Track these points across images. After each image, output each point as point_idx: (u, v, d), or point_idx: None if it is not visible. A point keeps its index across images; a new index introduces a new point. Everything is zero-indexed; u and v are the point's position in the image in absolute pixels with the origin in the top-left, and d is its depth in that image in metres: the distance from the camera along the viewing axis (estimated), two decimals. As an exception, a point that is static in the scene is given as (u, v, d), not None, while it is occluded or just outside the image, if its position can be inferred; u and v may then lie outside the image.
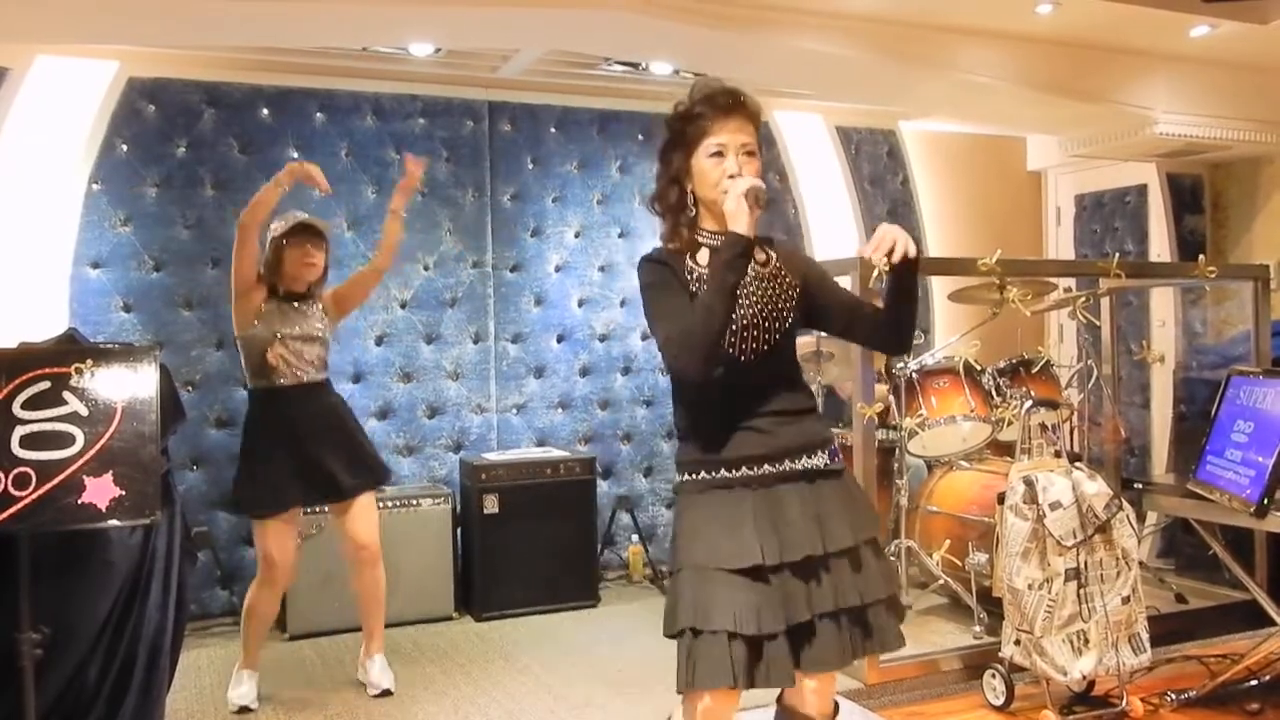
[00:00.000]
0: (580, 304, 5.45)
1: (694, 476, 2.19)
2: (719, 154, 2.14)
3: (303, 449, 3.67)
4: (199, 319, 4.72)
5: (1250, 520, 3.15)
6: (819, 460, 2.22)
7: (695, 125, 2.16)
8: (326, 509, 4.00)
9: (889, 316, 2.26)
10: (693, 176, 2.18)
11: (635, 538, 5.37)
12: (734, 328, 2.14)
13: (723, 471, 2.16)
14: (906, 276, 2.19)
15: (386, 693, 3.83)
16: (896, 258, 2.10)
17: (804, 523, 2.14)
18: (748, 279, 2.17)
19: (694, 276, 2.18)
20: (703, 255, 2.21)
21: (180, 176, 4.70)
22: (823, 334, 2.41)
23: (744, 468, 2.15)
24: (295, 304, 3.74)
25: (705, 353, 2.08)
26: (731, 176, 2.13)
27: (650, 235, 5.40)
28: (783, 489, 2.17)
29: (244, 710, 3.68)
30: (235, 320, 3.71)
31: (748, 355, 2.18)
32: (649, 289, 2.20)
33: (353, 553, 3.83)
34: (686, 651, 2.10)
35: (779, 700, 2.34)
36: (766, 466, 2.16)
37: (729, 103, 2.15)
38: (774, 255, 2.27)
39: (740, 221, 2.07)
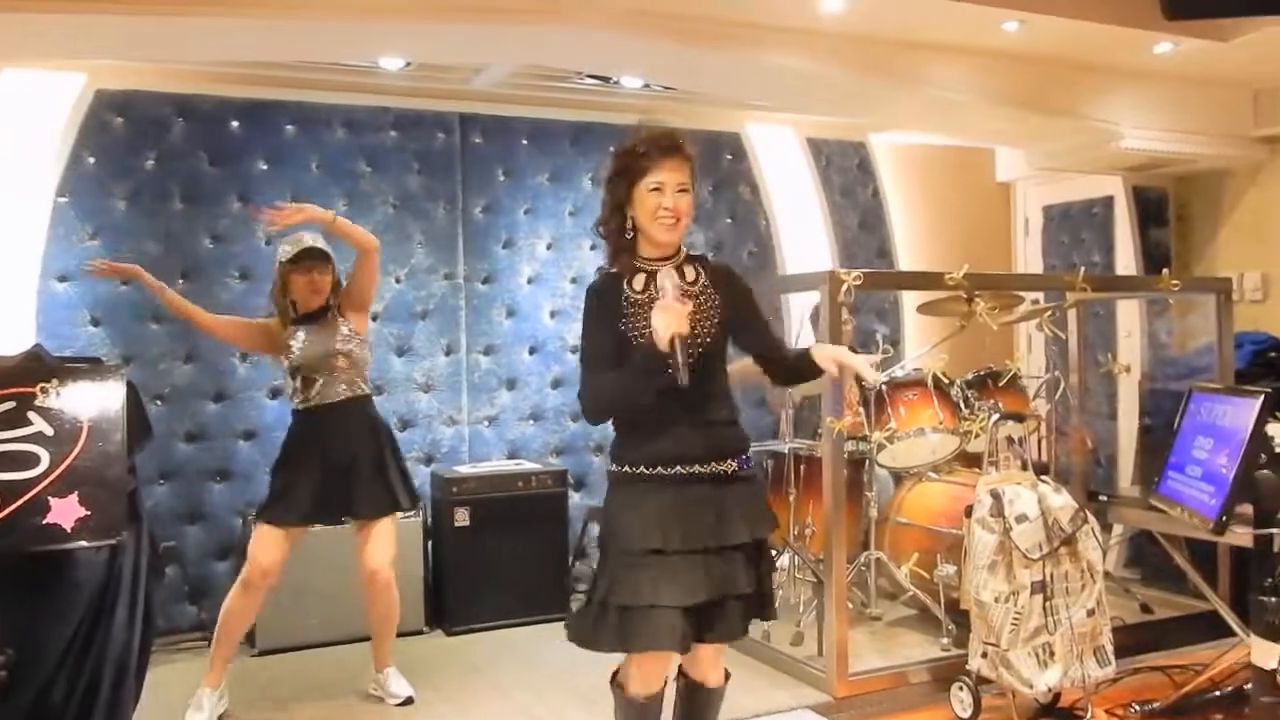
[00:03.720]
0: (552, 315, 5.46)
1: (620, 469, 2.58)
2: (658, 189, 2.49)
3: (329, 467, 3.72)
4: (167, 333, 4.69)
5: (1211, 535, 3.20)
6: (728, 467, 2.58)
7: (639, 162, 2.51)
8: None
9: (791, 376, 2.84)
10: (634, 204, 2.53)
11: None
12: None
13: (642, 468, 2.54)
14: (817, 371, 2.63)
15: (409, 700, 3.88)
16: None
17: (706, 519, 2.51)
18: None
19: (629, 302, 2.54)
20: (638, 280, 2.56)
21: (149, 189, 4.67)
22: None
23: (660, 467, 2.52)
24: (317, 323, 3.79)
25: (606, 418, 2.59)
26: (660, 293, 2.46)
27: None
28: (693, 488, 2.53)
29: None
30: (270, 359, 3.87)
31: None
32: (586, 321, 2.63)
33: (364, 578, 3.82)
34: (621, 621, 2.47)
35: (680, 672, 2.74)
36: (678, 468, 2.53)
37: (668, 145, 2.51)
38: (703, 273, 2.62)
39: (658, 340, 2.39)
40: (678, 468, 2.52)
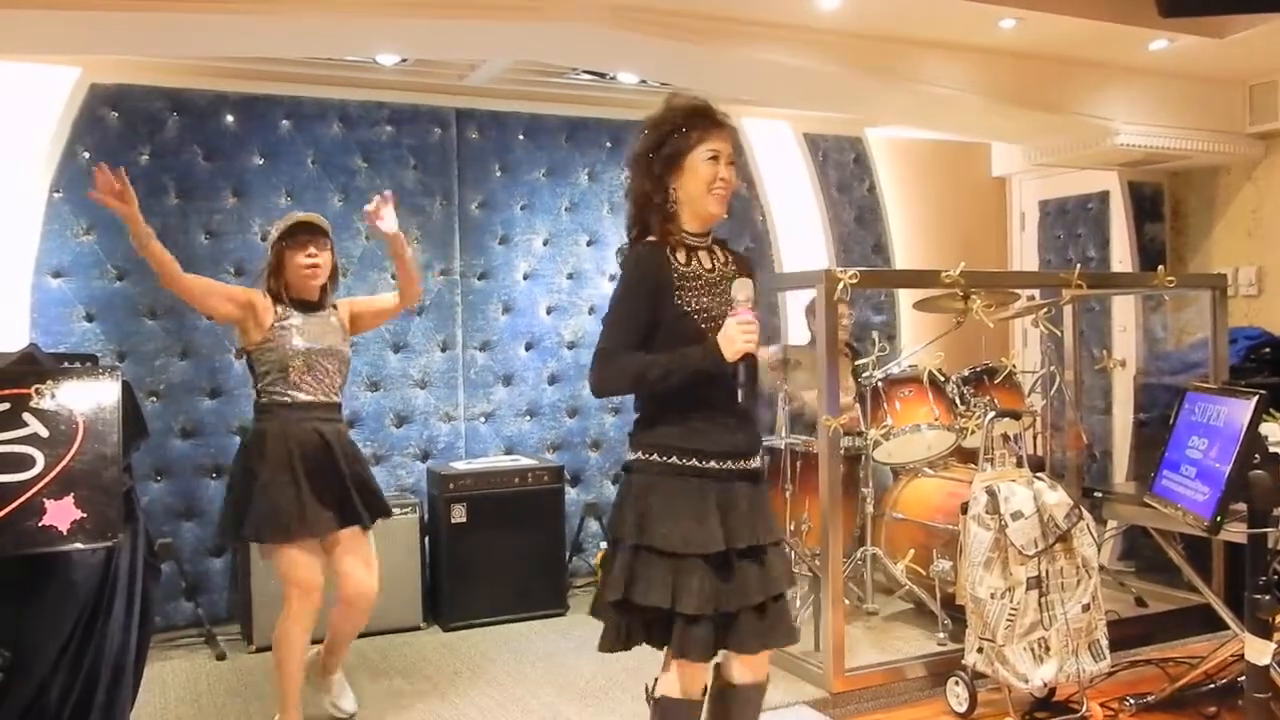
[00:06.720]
0: (549, 311, 5.45)
1: (664, 459, 2.40)
2: (714, 158, 2.41)
3: (331, 468, 3.38)
4: (163, 328, 4.68)
5: (1206, 534, 3.21)
6: (759, 463, 2.51)
7: (692, 133, 2.41)
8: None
9: None
10: (683, 175, 2.42)
11: (604, 545, 5.38)
12: (707, 324, 2.39)
13: (694, 461, 2.39)
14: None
15: (351, 718, 3.73)
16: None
17: (750, 516, 2.42)
18: (711, 277, 2.46)
19: (679, 275, 2.42)
20: (680, 254, 2.44)
21: (144, 185, 4.60)
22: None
23: (713, 461, 2.39)
24: (316, 314, 3.46)
25: (620, 394, 2.47)
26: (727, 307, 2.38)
27: (618, 242, 5.41)
28: (736, 485, 2.43)
29: None
30: (242, 337, 3.43)
31: None
32: (622, 289, 2.43)
33: (351, 594, 3.50)
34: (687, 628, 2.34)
35: (717, 675, 2.56)
36: (729, 463, 2.41)
37: (719, 117, 2.45)
38: (730, 257, 2.55)
39: (730, 354, 2.31)
40: (729, 462, 2.41)
